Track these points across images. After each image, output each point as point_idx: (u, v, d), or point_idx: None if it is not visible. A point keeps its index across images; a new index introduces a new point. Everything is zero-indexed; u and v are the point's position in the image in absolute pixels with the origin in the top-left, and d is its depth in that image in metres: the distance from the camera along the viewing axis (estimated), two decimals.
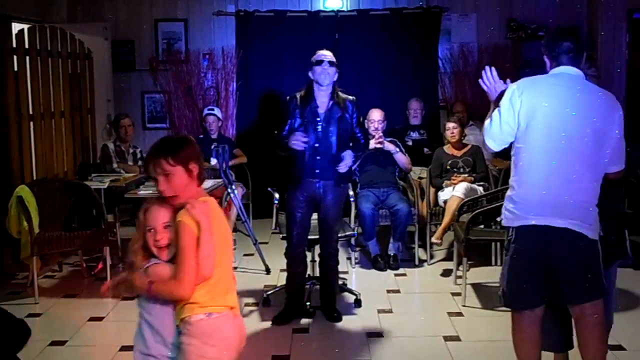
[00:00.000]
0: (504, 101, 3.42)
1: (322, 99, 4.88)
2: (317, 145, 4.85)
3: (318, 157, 4.86)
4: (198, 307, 2.72)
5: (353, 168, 4.95)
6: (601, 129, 3.29)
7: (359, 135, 4.98)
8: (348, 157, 4.81)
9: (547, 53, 3.48)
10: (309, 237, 5.13)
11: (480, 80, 3.72)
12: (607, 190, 3.38)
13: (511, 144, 3.45)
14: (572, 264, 3.31)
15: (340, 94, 4.92)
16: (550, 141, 3.29)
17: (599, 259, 3.35)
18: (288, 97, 4.98)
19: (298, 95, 4.93)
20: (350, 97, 4.94)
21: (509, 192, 3.47)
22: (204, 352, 2.73)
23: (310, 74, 4.87)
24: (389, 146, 6.50)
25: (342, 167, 4.80)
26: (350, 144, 4.94)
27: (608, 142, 3.32)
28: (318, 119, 4.85)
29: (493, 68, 3.69)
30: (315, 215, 5.10)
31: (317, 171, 4.87)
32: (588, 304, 3.36)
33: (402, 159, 6.58)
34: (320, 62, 4.82)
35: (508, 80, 3.62)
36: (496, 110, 3.44)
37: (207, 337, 2.73)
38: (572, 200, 3.27)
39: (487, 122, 3.51)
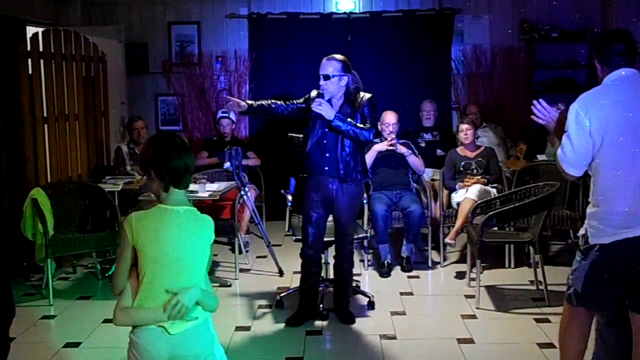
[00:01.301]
0: (570, 125, 3.30)
1: (336, 100, 4.90)
2: (325, 141, 4.86)
3: (327, 154, 4.87)
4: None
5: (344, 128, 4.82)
6: None
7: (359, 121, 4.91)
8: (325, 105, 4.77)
9: (598, 58, 3.41)
10: (324, 239, 5.13)
11: (533, 117, 3.64)
12: None
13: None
14: None
15: (359, 96, 4.90)
16: (626, 151, 3.21)
17: None
18: (314, 90, 4.97)
19: (314, 93, 4.95)
20: (368, 96, 4.92)
21: (592, 210, 3.37)
22: None
23: None
24: (402, 149, 6.49)
25: (316, 104, 4.74)
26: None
27: None
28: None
29: (542, 100, 3.61)
30: (330, 218, 5.10)
31: (326, 168, 4.88)
32: None
33: (414, 161, 6.56)
34: (319, 78, 4.86)
35: (560, 105, 3.57)
36: (564, 137, 3.34)
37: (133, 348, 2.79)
38: None
39: (559, 151, 3.39)
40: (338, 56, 4.92)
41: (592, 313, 3.47)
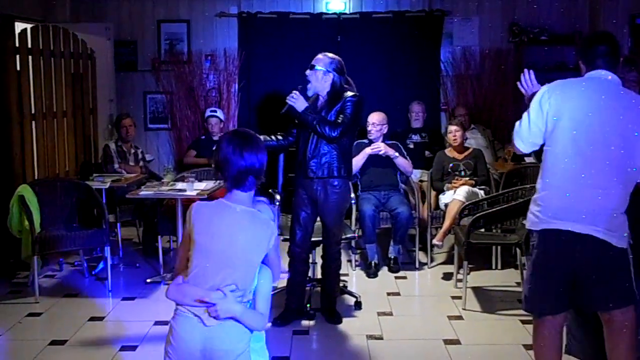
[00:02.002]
0: (533, 102, 3.39)
1: (321, 100, 4.92)
2: (310, 141, 4.87)
3: (309, 154, 4.88)
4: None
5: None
6: (631, 137, 3.22)
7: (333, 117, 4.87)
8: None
9: (581, 58, 3.44)
10: (312, 239, 5.14)
11: (518, 83, 3.72)
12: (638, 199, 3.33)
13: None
14: (597, 270, 3.26)
15: (344, 94, 4.88)
16: (575, 145, 3.23)
17: (628, 267, 3.30)
18: (300, 88, 4.94)
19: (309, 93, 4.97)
20: (350, 94, 4.89)
21: (534, 195, 3.43)
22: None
23: None
24: (389, 151, 6.49)
25: (290, 96, 4.78)
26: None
27: (639, 150, 3.23)
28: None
29: (532, 71, 3.67)
30: (319, 218, 5.10)
31: (311, 168, 4.88)
32: (617, 311, 3.32)
33: (402, 163, 6.57)
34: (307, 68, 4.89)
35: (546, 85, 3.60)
36: (525, 112, 3.42)
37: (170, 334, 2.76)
38: (596, 206, 3.21)
39: (517, 123, 3.47)
40: (333, 55, 4.94)
41: (561, 320, 3.45)
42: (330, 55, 4.93)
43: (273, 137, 5.10)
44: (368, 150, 6.45)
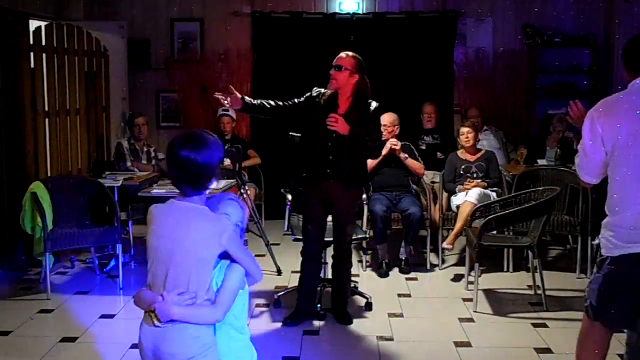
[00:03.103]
0: (585, 132, 3.17)
1: (343, 101, 4.87)
2: (330, 144, 4.84)
3: (330, 157, 4.85)
4: None
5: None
6: None
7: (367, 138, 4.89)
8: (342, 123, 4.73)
9: (624, 62, 3.22)
10: (324, 239, 5.13)
11: (568, 118, 3.52)
12: None
13: None
14: None
15: (370, 102, 4.88)
16: (637, 163, 3.05)
17: None
18: (316, 89, 4.95)
19: (322, 91, 4.93)
20: (376, 105, 4.89)
21: (605, 220, 3.24)
22: None
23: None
24: (400, 154, 6.47)
25: (331, 121, 4.69)
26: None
27: None
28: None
29: (578, 101, 3.43)
30: (330, 218, 5.10)
31: (329, 171, 4.87)
32: None
33: (413, 165, 6.55)
34: (331, 68, 4.84)
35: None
36: (580, 144, 3.22)
37: None
38: None
39: (576, 159, 3.30)
40: (356, 54, 4.90)
41: (610, 330, 3.30)
42: (354, 55, 4.88)
43: (272, 103, 5.07)
44: (384, 151, 6.40)
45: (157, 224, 2.74)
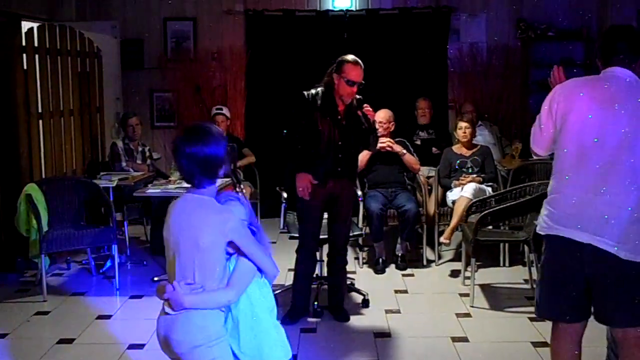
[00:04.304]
0: (544, 103, 3.20)
1: (338, 97, 4.85)
2: (340, 142, 4.84)
3: (340, 155, 4.86)
4: None
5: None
6: None
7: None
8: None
9: (599, 56, 3.20)
10: (320, 236, 5.13)
11: (549, 79, 3.47)
12: None
13: None
14: (608, 283, 3.04)
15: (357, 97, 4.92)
16: (581, 148, 3.03)
17: None
18: (306, 94, 4.86)
19: (315, 92, 4.85)
20: (358, 97, 4.91)
21: (546, 199, 3.24)
22: None
23: (335, 77, 4.77)
24: (396, 148, 6.48)
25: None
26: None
27: None
28: (339, 117, 4.84)
29: (561, 67, 3.42)
30: (325, 215, 5.10)
31: (339, 169, 4.88)
32: (632, 329, 3.08)
33: (410, 160, 6.55)
34: (352, 84, 4.73)
35: None
36: (538, 114, 3.24)
37: None
38: (600, 214, 2.99)
39: (533, 127, 3.31)
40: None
41: (578, 329, 3.24)
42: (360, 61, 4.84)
43: (299, 147, 4.90)
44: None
45: (169, 217, 2.82)
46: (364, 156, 6.22)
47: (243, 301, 2.82)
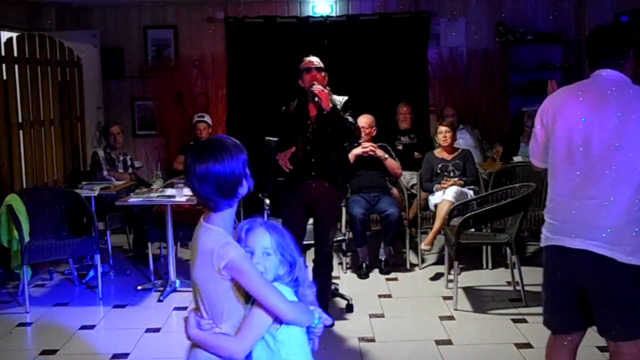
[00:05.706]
0: (537, 116, 3.18)
1: (312, 106, 4.89)
2: (308, 147, 4.86)
3: (312, 159, 4.87)
4: None
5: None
6: (635, 136, 2.89)
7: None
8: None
9: (587, 60, 3.16)
10: (304, 242, 5.13)
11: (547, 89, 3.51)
12: None
13: None
14: (603, 293, 2.98)
15: (333, 96, 4.91)
16: (569, 154, 3.00)
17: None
18: (283, 108, 5.03)
19: (291, 106, 5.00)
20: (340, 98, 4.94)
21: (545, 208, 3.23)
22: None
23: (300, 82, 4.90)
24: (379, 153, 6.50)
25: (318, 88, 4.71)
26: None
27: None
28: (309, 122, 4.87)
29: (554, 81, 3.44)
30: (310, 221, 5.10)
31: (313, 173, 4.88)
32: (624, 342, 2.99)
33: (392, 164, 6.57)
34: (309, 70, 4.85)
35: None
36: (534, 127, 3.24)
37: None
38: (593, 218, 2.94)
39: (530, 142, 3.30)
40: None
41: (574, 339, 3.22)
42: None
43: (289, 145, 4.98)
44: (355, 151, 6.44)
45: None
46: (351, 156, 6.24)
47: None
